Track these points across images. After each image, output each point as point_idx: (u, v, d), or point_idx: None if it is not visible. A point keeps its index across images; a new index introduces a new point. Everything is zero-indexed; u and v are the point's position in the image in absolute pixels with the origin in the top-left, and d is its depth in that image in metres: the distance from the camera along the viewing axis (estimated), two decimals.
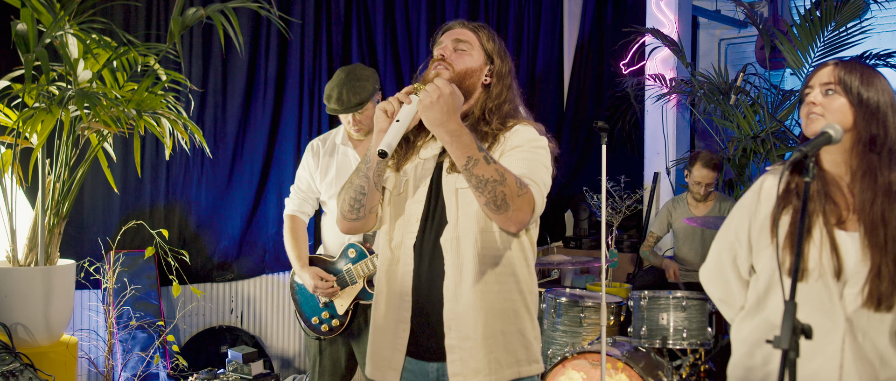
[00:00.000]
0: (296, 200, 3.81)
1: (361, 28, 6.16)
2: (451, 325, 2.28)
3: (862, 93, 2.13)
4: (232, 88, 5.40)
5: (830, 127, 2.13)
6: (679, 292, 4.42)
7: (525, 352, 2.35)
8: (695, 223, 4.80)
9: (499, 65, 2.43)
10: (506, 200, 2.14)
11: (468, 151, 2.12)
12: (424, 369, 2.34)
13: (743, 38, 8.78)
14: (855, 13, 5.99)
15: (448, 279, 2.29)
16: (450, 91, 2.11)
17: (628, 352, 4.25)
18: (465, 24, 2.47)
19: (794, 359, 1.84)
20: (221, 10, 3.69)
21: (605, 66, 8.22)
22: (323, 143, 3.80)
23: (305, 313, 3.72)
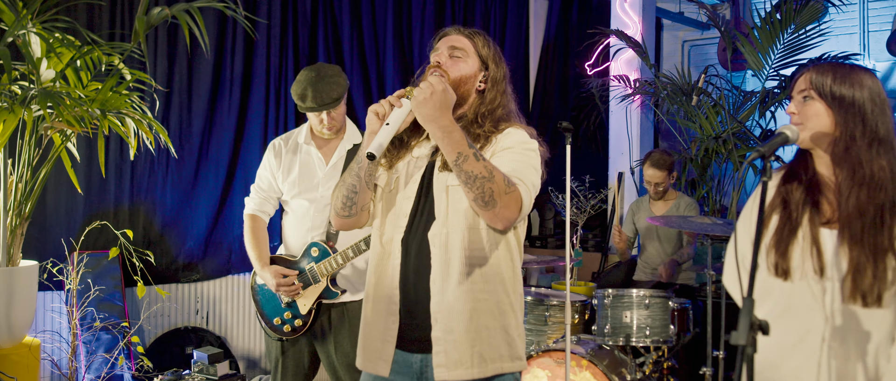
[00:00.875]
0: (256, 199, 3.80)
1: (328, 28, 6.16)
2: (437, 318, 2.34)
3: (835, 91, 2.15)
4: (197, 87, 5.37)
5: (788, 128, 2.18)
6: (642, 291, 4.48)
7: (508, 348, 2.41)
8: (657, 223, 4.86)
9: (494, 71, 2.50)
10: (494, 196, 2.21)
11: (459, 147, 2.21)
12: (408, 360, 2.41)
13: (706, 40, 8.89)
14: (813, 16, 6.10)
15: (435, 274, 2.35)
16: (442, 88, 2.22)
17: (592, 350, 4.30)
18: (461, 31, 2.52)
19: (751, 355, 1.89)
20: (187, 9, 3.68)
21: (570, 66, 8.29)
22: (285, 142, 3.79)
23: (267, 314, 3.71)
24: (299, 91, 3.55)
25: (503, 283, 2.41)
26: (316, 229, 3.68)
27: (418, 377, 2.41)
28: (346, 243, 3.57)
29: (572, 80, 8.27)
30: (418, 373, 2.41)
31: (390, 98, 2.33)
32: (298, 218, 3.72)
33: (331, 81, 3.54)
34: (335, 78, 3.55)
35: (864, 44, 7.83)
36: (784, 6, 6.19)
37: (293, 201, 3.73)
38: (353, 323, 3.61)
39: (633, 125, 7.24)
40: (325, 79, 3.54)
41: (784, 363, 2.18)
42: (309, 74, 3.57)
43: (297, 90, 3.56)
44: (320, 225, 3.67)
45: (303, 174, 3.70)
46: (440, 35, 2.54)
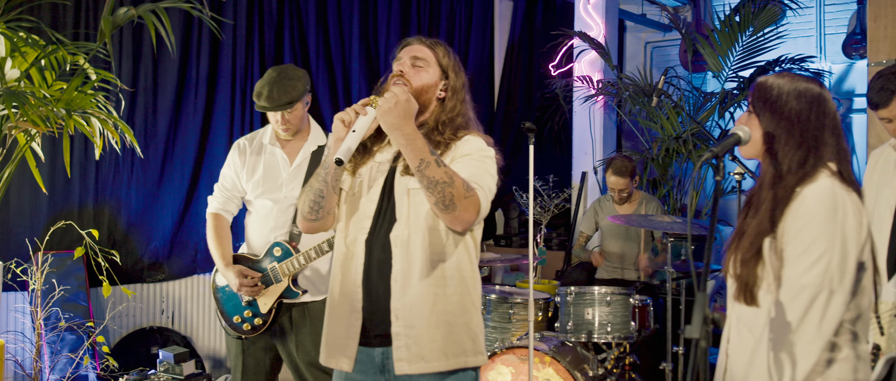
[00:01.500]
0: (220, 198, 3.82)
1: (294, 29, 6.18)
2: (397, 314, 2.45)
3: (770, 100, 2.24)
4: (163, 87, 5.37)
5: (740, 128, 2.27)
6: (604, 288, 4.56)
7: (471, 344, 2.53)
8: (620, 222, 4.95)
9: (454, 80, 2.62)
10: (454, 200, 2.34)
11: (421, 154, 2.32)
12: (370, 354, 2.51)
13: (668, 42, 9.02)
14: (771, 19, 6.23)
15: (396, 272, 2.46)
16: (406, 98, 2.35)
17: (555, 347, 4.38)
18: (423, 41, 2.64)
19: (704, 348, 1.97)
20: (153, 9, 3.69)
21: (534, 67, 8.37)
22: (250, 142, 3.82)
23: (227, 313, 3.72)
24: (257, 90, 3.60)
25: (463, 281, 2.52)
26: (279, 229, 3.70)
27: (380, 370, 2.51)
28: (309, 245, 3.61)
29: (537, 80, 8.34)
30: (380, 366, 2.50)
31: (355, 106, 2.44)
32: (262, 218, 3.74)
33: (289, 84, 3.56)
34: (294, 81, 3.58)
35: (821, 46, 7.99)
36: (743, 9, 6.31)
37: (257, 200, 3.75)
38: (315, 322, 3.64)
39: (596, 125, 7.34)
40: (284, 81, 3.56)
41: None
42: (271, 74, 3.60)
43: (257, 88, 3.61)
44: (283, 225, 3.70)
45: (267, 175, 3.72)
46: (403, 44, 2.65)
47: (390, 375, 2.49)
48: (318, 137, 3.80)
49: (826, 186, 2.13)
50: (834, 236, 2.08)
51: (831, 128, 2.21)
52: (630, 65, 8.96)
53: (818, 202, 2.11)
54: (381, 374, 2.51)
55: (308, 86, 3.65)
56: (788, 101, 2.21)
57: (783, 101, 2.21)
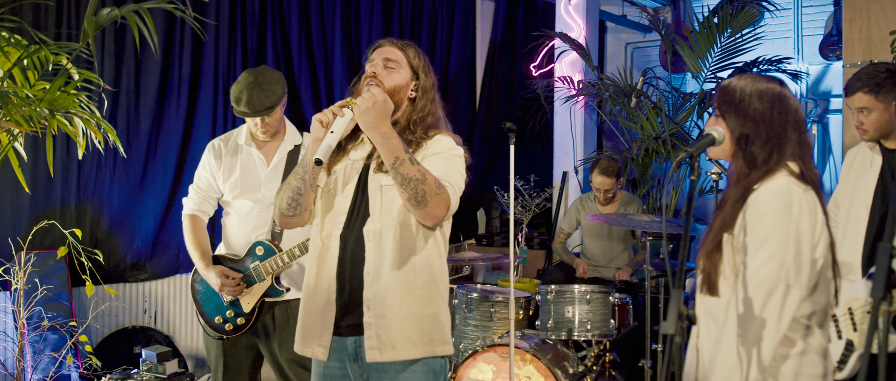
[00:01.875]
0: (196, 199, 3.84)
1: (276, 29, 6.19)
2: (369, 304, 2.57)
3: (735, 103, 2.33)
4: (145, 87, 5.37)
5: (714, 129, 2.34)
6: (584, 286, 4.61)
7: (439, 333, 2.66)
8: (601, 221, 5.01)
9: (424, 80, 2.74)
10: (426, 197, 2.46)
11: (396, 153, 2.44)
12: (343, 343, 2.64)
13: (648, 43, 9.11)
14: (749, 21, 6.32)
15: (368, 265, 2.59)
16: (383, 99, 2.48)
17: (536, 345, 4.43)
18: (394, 43, 2.75)
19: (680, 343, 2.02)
20: (136, 10, 3.71)
21: (516, 67, 8.42)
22: (225, 143, 3.83)
23: (208, 313, 3.73)
24: (236, 94, 3.60)
25: (432, 274, 2.66)
26: (260, 228, 3.73)
27: (353, 358, 2.64)
28: (291, 243, 3.64)
29: (518, 81, 8.40)
30: (353, 355, 2.64)
31: (333, 108, 2.57)
32: (242, 218, 3.76)
33: (267, 88, 3.57)
34: (272, 86, 3.59)
35: (799, 47, 8.10)
36: (721, 11, 6.39)
37: (236, 201, 3.77)
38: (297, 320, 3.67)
39: (577, 125, 7.40)
40: (262, 85, 3.57)
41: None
42: (248, 78, 3.60)
43: (234, 93, 3.61)
44: (264, 224, 3.72)
45: (245, 175, 3.74)
46: (375, 46, 2.76)
47: (362, 362, 2.63)
48: (293, 136, 3.83)
49: (782, 183, 2.22)
50: (788, 233, 2.17)
51: (793, 124, 2.30)
52: (611, 65, 9.04)
53: (773, 199, 2.20)
54: (353, 362, 2.64)
55: (285, 87, 3.67)
56: (752, 102, 2.30)
57: (747, 102, 2.30)
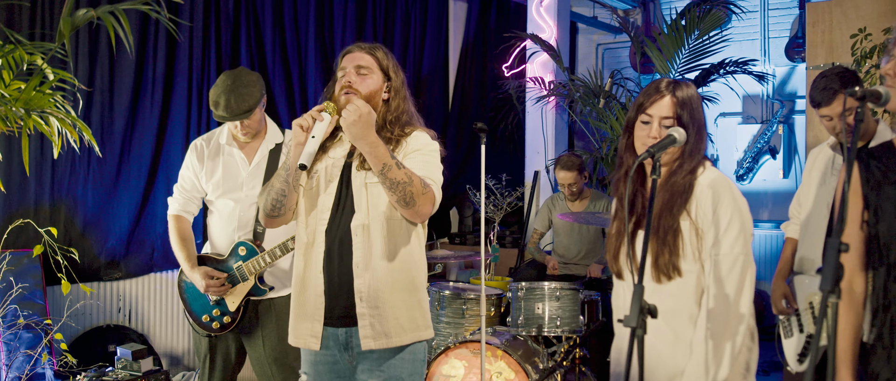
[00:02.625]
0: (180, 199, 3.87)
1: (250, 29, 6.23)
2: (361, 296, 2.71)
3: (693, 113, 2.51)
4: (119, 86, 5.40)
5: (675, 130, 2.45)
6: (553, 283, 4.71)
7: (423, 319, 2.83)
8: (571, 219, 5.10)
9: (395, 80, 2.86)
10: (413, 197, 2.62)
11: (384, 159, 2.59)
12: (335, 333, 2.79)
13: (619, 44, 9.23)
14: (716, 23, 6.43)
15: (357, 258, 2.72)
16: (368, 110, 2.59)
17: (507, 341, 4.51)
18: (363, 47, 2.85)
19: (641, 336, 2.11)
20: (112, 11, 3.74)
21: (488, 68, 8.50)
22: (207, 143, 3.86)
23: (195, 312, 3.79)
24: (214, 97, 3.62)
25: (415, 263, 2.82)
26: (242, 228, 3.77)
27: (344, 347, 2.79)
28: (273, 242, 3.69)
29: (490, 81, 8.48)
30: (344, 344, 2.78)
31: (312, 112, 2.70)
32: (224, 218, 3.81)
33: (245, 91, 3.60)
34: (250, 88, 3.62)
35: (765, 49, 8.26)
36: (688, 13, 6.51)
37: (218, 201, 3.81)
38: (281, 318, 3.73)
39: (548, 125, 7.50)
40: (240, 88, 3.60)
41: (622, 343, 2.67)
42: (226, 81, 3.63)
43: (213, 96, 3.64)
44: (247, 224, 3.77)
45: (226, 175, 3.78)
46: (345, 52, 2.87)
47: (353, 351, 2.78)
48: (274, 135, 3.87)
49: (719, 173, 2.54)
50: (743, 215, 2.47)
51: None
52: (582, 66, 9.15)
53: (724, 186, 2.49)
54: (344, 351, 2.79)
55: (263, 89, 3.71)
56: (699, 110, 2.55)
57: (698, 111, 2.54)
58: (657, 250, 2.48)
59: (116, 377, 4.63)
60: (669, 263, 2.47)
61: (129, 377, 4.67)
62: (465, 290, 5.02)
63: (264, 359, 3.76)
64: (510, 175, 7.00)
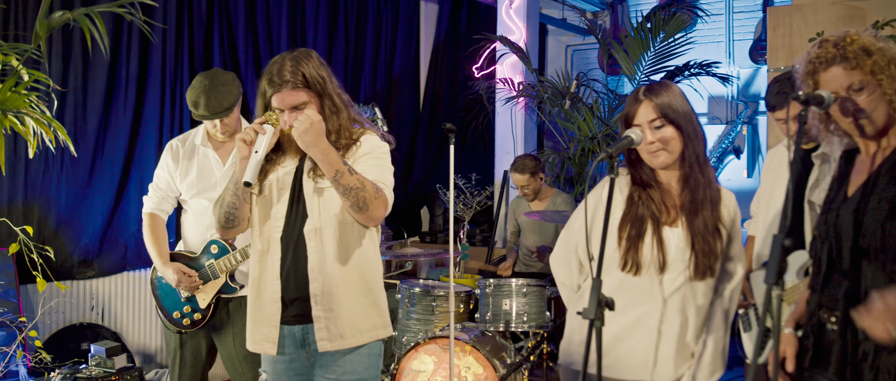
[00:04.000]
0: (155, 198, 3.92)
1: (223, 29, 6.28)
2: (316, 299, 2.77)
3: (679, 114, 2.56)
4: (92, 87, 5.44)
5: (632, 131, 2.55)
6: (520, 280, 4.82)
7: (380, 318, 2.89)
8: (535, 217, 5.23)
9: (331, 92, 2.79)
10: (366, 202, 2.67)
11: (336, 166, 2.62)
12: (291, 331, 2.84)
13: (587, 45, 9.36)
14: (680, 26, 6.59)
15: (312, 262, 2.77)
16: (318, 119, 2.61)
17: (475, 337, 4.62)
18: (288, 81, 2.69)
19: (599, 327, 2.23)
20: (87, 13, 3.80)
21: (459, 69, 8.60)
22: (182, 143, 3.91)
23: (166, 308, 3.84)
24: (193, 98, 3.67)
25: (369, 264, 2.87)
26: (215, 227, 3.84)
27: (301, 344, 2.85)
28: (245, 241, 3.76)
29: (461, 82, 8.58)
30: (301, 341, 2.85)
31: (254, 125, 2.71)
32: (198, 216, 3.87)
33: (223, 89, 3.66)
34: (228, 87, 3.68)
35: (730, 51, 8.43)
36: (654, 16, 6.65)
37: (192, 200, 3.87)
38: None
39: (517, 126, 7.62)
40: (218, 87, 3.66)
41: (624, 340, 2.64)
42: (203, 81, 3.68)
43: (191, 97, 3.69)
44: None
45: (201, 175, 3.84)
46: (272, 89, 2.71)
47: (309, 348, 2.83)
48: None
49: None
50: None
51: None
52: (551, 67, 9.27)
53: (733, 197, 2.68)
54: (301, 348, 2.85)
55: (241, 87, 3.78)
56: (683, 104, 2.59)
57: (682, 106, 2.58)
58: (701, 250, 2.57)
59: (90, 374, 4.68)
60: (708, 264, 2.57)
61: (103, 374, 4.71)
62: (435, 287, 5.13)
63: (235, 356, 3.82)
64: (480, 175, 7.11)
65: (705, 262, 2.56)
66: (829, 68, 2.30)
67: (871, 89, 2.27)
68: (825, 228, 2.42)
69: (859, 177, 2.40)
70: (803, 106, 2.25)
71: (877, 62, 2.25)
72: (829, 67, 2.30)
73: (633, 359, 2.62)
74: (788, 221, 2.09)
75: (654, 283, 2.60)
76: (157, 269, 3.84)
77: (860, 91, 2.27)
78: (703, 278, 2.58)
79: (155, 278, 3.91)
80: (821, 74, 2.33)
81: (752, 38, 8.13)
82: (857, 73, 2.26)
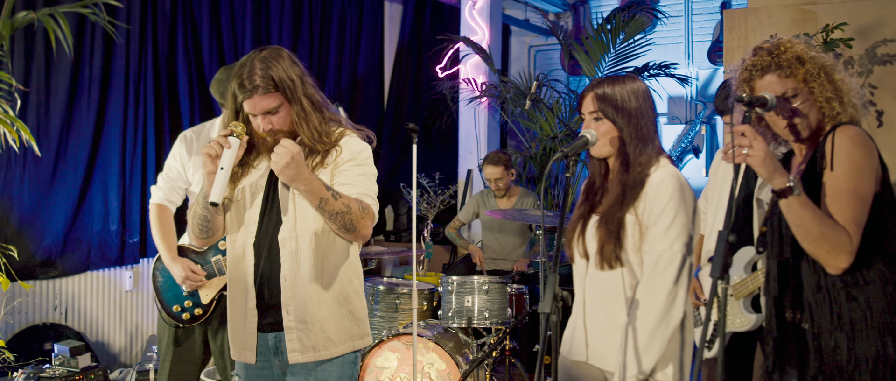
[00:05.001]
0: (165, 188, 3.84)
1: (187, 28, 6.28)
2: (288, 308, 2.69)
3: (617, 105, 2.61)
4: (55, 86, 5.42)
5: (588, 132, 2.64)
6: (482, 277, 4.91)
7: (357, 329, 2.81)
8: (497, 215, 5.32)
9: (300, 93, 2.67)
10: (353, 223, 2.61)
11: (320, 194, 2.55)
12: (264, 339, 2.78)
13: (550, 46, 9.48)
14: (640, 28, 6.71)
15: (285, 271, 2.69)
16: (297, 150, 2.48)
17: (438, 333, 4.70)
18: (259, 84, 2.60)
19: (556, 321, 2.32)
20: (51, 13, 3.82)
21: (423, 69, 8.66)
22: (197, 135, 3.86)
23: (167, 301, 3.76)
24: (221, 90, 3.65)
25: (347, 273, 2.79)
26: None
27: (274, 352, 2.78)
28: None
29: (425, 82, 8.64)
30: (274, 349, 2.77)
31: (218, 139, 2.59)
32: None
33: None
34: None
35: (689, 53, 8.59)
36: (614, 18, 6.77)
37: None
38: None
39: (480, 125, 7.71)
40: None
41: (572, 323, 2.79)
42: (229, 72, 3.57)
43: (220, 89, 3.67)
44: None
45: None
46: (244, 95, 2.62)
47: (283, 357, 2.74)
48: None
49: (672, 171, 2.61)
50: (688, 214, 2.56)
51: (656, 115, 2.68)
52: (515, 67, 9.37)
53: (673, 184, 2.57)
54: (274, 356, 2.78)
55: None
56: (629, 101, 2.62)
57: (626, 102, 2.62)
58: (603, 240, 2.60)
59: (54, 373, 4.69)
60: (613, 253, 2.58)
61: (67, 373, 4.72)
62: (398, 285, 5.20)
63: (226, 352, 3.79)
64: (444, 174, 7.19)
65: (610, 253, 2.59)
66: (763, 76, 2.39)
67: (803, 97, 2.37)
68: (771, 225, 2.54)
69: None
70: (747, 108, 2.35)
71: (809, 71, 2.34)
72: (764, 74, 2.38)
73: (576, 340, 2.73)
74: (733, 217, 2.19)
75: (581, 269, 2.72)
76: (165, 263, 3.76)
77: (794, 98, 2.37)
78: (610, 269, 2.61)
79: (158, 267, 3.82)
80: (756, 81, 2.41)
81: (710, 39, 8.30)
82: (790, 81, 2.36)
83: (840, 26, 4.27)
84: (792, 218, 2.26)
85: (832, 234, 2.23)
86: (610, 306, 2.64)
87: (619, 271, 2.61)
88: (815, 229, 2.22)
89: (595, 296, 2.68)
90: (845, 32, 4.29)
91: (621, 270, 2.61)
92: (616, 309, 2.63)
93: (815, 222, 2.22)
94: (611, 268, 2.60)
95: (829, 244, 2.23)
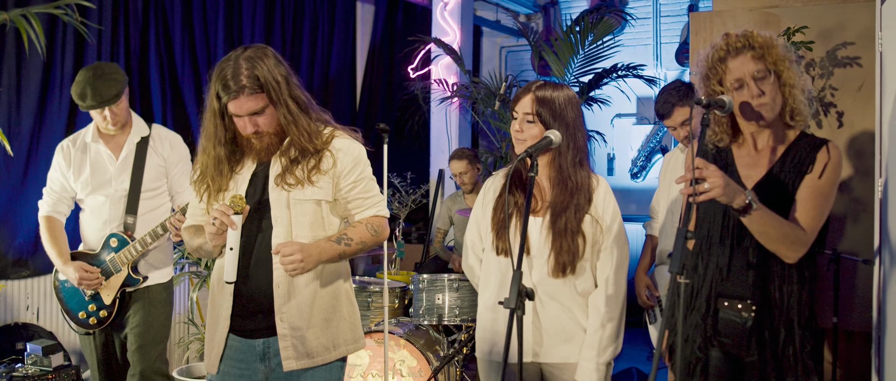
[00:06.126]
0: (50, 201, 3.95)
1: (159, 29, 6.29)
2: (282, 316, 2.67)
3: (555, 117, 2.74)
4: (26, 86, 5.41)
5: (552, 132, 2.72)
6: (453, 275, 4.99)
7: (350, 333, 2.83)
8: (465, 214, 5.39)
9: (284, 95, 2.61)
10: (372, 246, 2.78)
11: (337, 251, 2.67)
12: (251, 345, 2.72)
13: (521, 47, 9.57)
14: (608, 30, 6.81)
15: (278, 278, 2.66)
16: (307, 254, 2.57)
17: (409, 330, 4.77)
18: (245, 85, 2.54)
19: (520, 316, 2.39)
20: (24, 14, 3.83)
21: (395, 69, 8.71)
22: (73, 143, 3.94)
23: (72, 310, 3.85)
24: (79, 91, 3.69)
25: (340, 278, 2.82)
26: (113, 222, 3.86)
27: (261, 358, 2.72)
28: (144, 231, 3.80)
29: (397, 82, 8.69)
30: (261, 355, 2.72)
31: (220, 217, 2.54)
32: (95, 213, 3.89)
33: (109, 78, 3.70)
34: (113, 75, 3.72)
35: (657, 54, 8.71)
36: (584, 20, 6.87)
37: (88, 198, 3.89)
38: (153, 305, 3.85)
39: (452, 125, 7.78)
40: (104, 77, 3.69)
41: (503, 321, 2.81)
42: (87, 74, 3.71)
43: (77, 91, 3.70)
44: (117, 217, 3.86)
45: (94, 172, 3.87)
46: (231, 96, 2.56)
47: (271, 362, 2.70)
48: (140, 128, 3.96)
49: (606, 181, 2.87)
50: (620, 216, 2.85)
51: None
52: (487, 68, 9.45)
53: (608, 189, 2.83)
54: (261, 362, 2.71)
55: (126, 77, 3.80)
56: (566, 110, 2.75)
57: (564, 111, 2.75)
58: (558, 248, 2.74)
59: (27, 373, 4.69)
60: (569, 261, 2.74)
61: (40, 372, 4.72)
62: (370, 283, 5.26)
63: (131, 346, 3.84)
64: (415, 173, 7.25)
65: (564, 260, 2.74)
66: (737, 55, 2.54)
67: (772, 80, 2.53)
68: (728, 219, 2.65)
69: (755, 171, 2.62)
70: (705, 110, 2.45)
71: (778, 54, 2.51)
72: (738, 54, 2.54)
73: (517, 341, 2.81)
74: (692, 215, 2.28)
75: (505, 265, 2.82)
76: (58, 270, 3.82)
77: (764, 80, 2.52)
78: (563, 276, 2.76)
79: (57, 280, 3.89)
80: (730, 61, 2.55)
81: (678, 41, 8.42)
82: (761, 62, 2.51)
83: (801, 29, 4.38)
84: (754, 227, 2.47)
85: (791, 232, 2.47)
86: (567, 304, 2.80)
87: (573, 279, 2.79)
88: (776, 232, 2.46)
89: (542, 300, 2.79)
90: (806, 35, 4.40)
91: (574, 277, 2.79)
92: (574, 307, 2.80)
93: (775, 227, 2.45)
94: (564, 275, 2.76)
95: (788, 241, 2.47)
